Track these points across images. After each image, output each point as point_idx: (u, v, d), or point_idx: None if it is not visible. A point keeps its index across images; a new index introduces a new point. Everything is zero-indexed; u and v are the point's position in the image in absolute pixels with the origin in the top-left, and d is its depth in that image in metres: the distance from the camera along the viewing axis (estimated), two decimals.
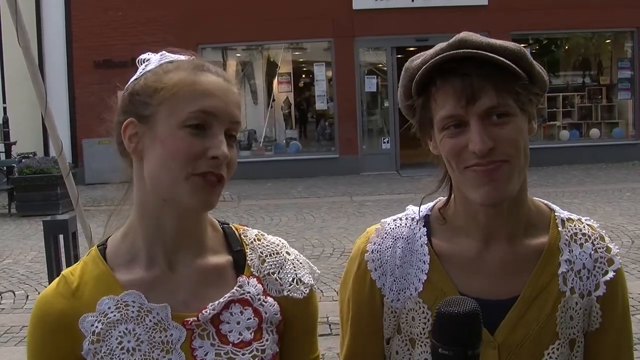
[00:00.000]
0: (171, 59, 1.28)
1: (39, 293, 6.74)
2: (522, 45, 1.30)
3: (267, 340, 1.29)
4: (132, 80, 1.29)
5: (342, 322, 1.49)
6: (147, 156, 1.24)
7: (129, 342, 1.23)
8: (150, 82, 1.24)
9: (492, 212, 1.33)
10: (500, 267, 1.36)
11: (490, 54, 1.24)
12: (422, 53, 1.35)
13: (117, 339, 1.23)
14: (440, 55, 1.27)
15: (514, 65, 1.25)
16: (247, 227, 1.39)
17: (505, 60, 1.24)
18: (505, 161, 1.26)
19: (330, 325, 5.36)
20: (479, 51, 1.25)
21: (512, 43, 1.30)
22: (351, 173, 15.42)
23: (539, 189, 11.53)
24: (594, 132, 16.65)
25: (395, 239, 1.42)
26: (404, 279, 1.39)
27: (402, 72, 1.37)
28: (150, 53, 1.32)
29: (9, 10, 3.29)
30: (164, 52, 1.31)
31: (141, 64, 1.30)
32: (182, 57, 1.30)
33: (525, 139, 1.29)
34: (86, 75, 15.49)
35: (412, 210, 1.46)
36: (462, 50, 1.25)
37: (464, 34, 1.30)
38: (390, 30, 15.57)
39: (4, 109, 15.57)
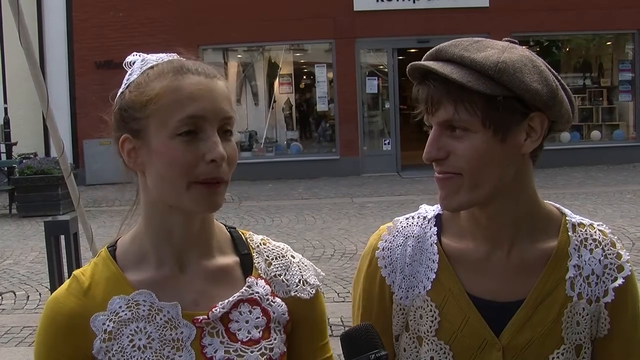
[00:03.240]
0: (152, 64, 1.27)
1: (39, 294, 6.75)
2: (523, 47, 1.27)
3: (275, 339, 1.30)
4: (119, 93, 1.28)
5: (353, 318, 1.50)
6: (147, 169, 1.25)
7: (140, 340, 1.24)
8: (135, 96, 1.24)
9: (487, 215, 1.34)
10: (508, 270, 1.36)
11: (440, 71, 1.25)
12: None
13: (128, 337, 1.24)
14: (411, 64, 1.31)
15: (470, 83, 1.23)
16: (252, 233, 1.42)
17: (456, 78, 1.23)
18: (457, 174, 1.28)
19: (331, 327, 5.37)
20: (434, 67, 1.26)
21: (497, 56, 1.26)
22: (352, 174, 15.42)
23: (540, 191, 11.34)
24: (595, 134, 16.65)
25: (407, 237, 1.43)
26: (413, 277, 1.41)
27: None
28: (135, 53, 1.31)
29: (10, 11, 3.30)
30: (145, 56, 1.30)
31: (128, 67, 1.30)
32: (163, 58, 1.29)
33: (487, 156, 1.27)
34: (87, 75, 15.50)
35: (425, 209, 1.47)
36: (421, 63, 1.29)
37: (445, 44, 1.31)
38: (392, 32, 15.57)
39: (5, 109, 15.57)
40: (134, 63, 1.29)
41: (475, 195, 1.29)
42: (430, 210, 1.46)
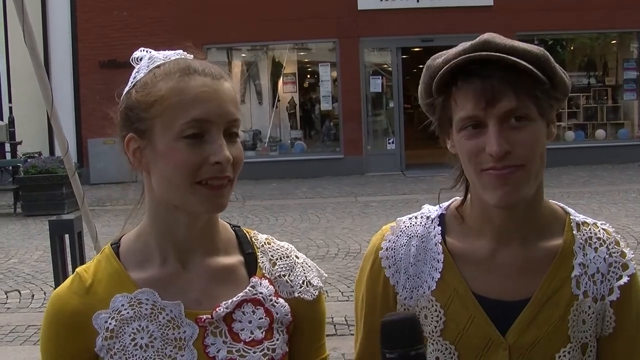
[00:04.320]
0: (159, 63, 1.26)
1: (44, 293, 6.77)
2: None
3: (277, 339, 1.30)
4: (125, 92, 1.28)
5: (357, 319, 1.50)
6: (152, 169, 1.25)
7: (142, 338, 1.24)
8: (141, 97, 1.23)
9: (506, 214, 1.34)
10: (514, 269, 1.36)
11: (513, 58, 1.24)
12: (444, 52, 1.35)
13: (130, 335, 1.24)
14: (462, 57, 1.27)
15: (535, 70, 1.24)
16: (256, 232, 1.41)
17: (527, 65, 1.24)
18: (521, 165, 1.26)
19: (335, 326, 5.37)
20: (502, 55, 1.25)
21: (536, 47, 1.29)
22: (356, 173, 15.41)
23: (544, 190, 11.46)
24: (600, 132, 16.62)
25: (410, 237, 1.42)
26: (418, 277, 1.40)
27: (424, 70, 1.37)
28: (143, 49, 1.30)
29: (15, 11, 3.31)
30: (152, 54, 1.29)
31: (136, 63, 1.29)
32: (170, 56, 1.28)
33: (542, 143, 1.29)
34: (91, 75, 15.52)
35: (428, 209, 1.46)
36: (485, 53, 1.26)
37: (487, 35, 1.30)
38: (395, 31, 15.56)
39: (10, 108, 15.62)
40: (141, 59, 1.29)
41: (535, 185, 1.30)
42: (433, 210, 1.46)
